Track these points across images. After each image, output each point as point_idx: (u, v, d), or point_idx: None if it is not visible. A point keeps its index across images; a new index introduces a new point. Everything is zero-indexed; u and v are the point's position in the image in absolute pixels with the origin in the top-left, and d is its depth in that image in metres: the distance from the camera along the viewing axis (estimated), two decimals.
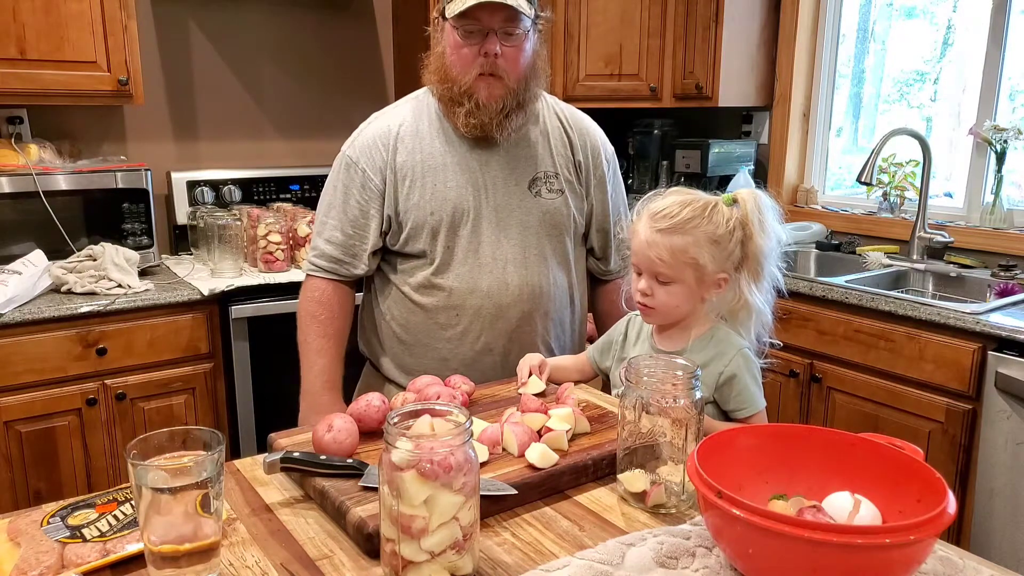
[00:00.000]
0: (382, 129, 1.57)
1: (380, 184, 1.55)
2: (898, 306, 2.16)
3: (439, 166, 1.55)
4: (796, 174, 3.20)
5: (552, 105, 1.67)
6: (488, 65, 1.46)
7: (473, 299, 1.55)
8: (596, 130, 1.70)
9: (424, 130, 1.57)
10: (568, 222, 1.62)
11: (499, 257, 1.55)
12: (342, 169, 1.59)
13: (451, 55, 1.49)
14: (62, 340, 2.12)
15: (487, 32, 1.44)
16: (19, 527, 0.93)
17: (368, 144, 1.57)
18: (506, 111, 1.50)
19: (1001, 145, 2.54)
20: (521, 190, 1.57)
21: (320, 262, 1.60)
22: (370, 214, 1.56)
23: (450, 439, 0.80)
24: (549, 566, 0.85)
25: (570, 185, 1.62)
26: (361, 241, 1.57)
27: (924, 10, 2.97)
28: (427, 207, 1.53)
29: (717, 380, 1.25)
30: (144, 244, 2.44)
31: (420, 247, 1.55)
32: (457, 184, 1.54)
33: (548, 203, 1.59)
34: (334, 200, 1.59)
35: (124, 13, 2.33)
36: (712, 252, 1.22)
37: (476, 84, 1.47)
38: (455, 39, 1.47)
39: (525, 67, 1.51)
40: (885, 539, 0.72)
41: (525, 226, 1.57)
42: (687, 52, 3.04)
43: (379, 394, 1.17)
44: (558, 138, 1.63)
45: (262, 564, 0.88)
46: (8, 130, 2.44)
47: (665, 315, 1.28)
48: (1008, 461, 1.97)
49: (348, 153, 1.59)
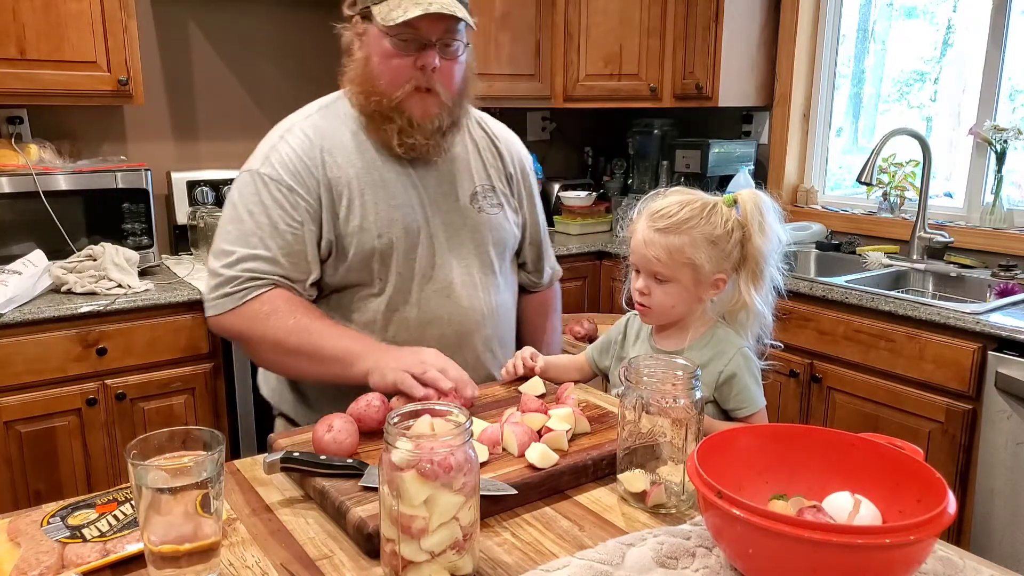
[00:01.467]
0: (302, 141, 1.36)
1: (314, 204, 1.34)
2: (898, 306, 2.16)
3: (377, 182, 1.37)
4: (796, 174, 3.20)
5: (475, 116, 1.54)
6: (424, 79, 1.31)
7: (432, 330, 1.40)
8: (520, 144, 1.62)
9: (348, 142, 1.38)
10: (510, 238, 1.52)
11: (455, 280, 1.42)
12: (259, 189, 1.33)
13: (379, 65, 1.32)
14: (62, 340, 2.11)
15: (424, 44, 1.29)
16: (19, 527, 0.93)
17: (291, 158, 1.35)
18: (442, 129, 1.37)
19: (1001, 145, 2.54)
20: (463, 205, 1.45)
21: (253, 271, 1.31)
22: (306, 240, 1.34)
23: (450, 439, 0.80)
24: (549, 566, 0.85)
25: (506, 199, 1.53)
26: (299, 272, 1.34)
27: (924, 10, 2.97)
28: (372, 229, 1.35)
29: (717, 379, 1.25)
30: (144, 244, 2.44)
31: (366, 276, 1.37)
32: (402, 202, 1.38)
33: (492, 218, 1.48)
34: (252, 227, 1.32)
35: (124, 13, 2.33)
36: (709, 253, 1.22)
37: (409, 99, 1.32)
38: (385, 48, 1.30)
39: (460, 81, 1.38)
40: (885, 539, 0.72)
41: (477, 244, 1.45)
42: (687, 52, 3.04)
43: (379, 394, 1.17)
44: (488, 151, 1.53)
45: (262, 564, 0.88)
46: (8, 130, 2.44)
47: (662, 315, 1.28)
48: (1008, 461, 1.96)
49: (263, 171, 1.34)
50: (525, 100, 3.22)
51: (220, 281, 1.33)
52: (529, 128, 3.59)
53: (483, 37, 3.02)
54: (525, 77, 3.17)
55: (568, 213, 3.34)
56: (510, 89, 3.12)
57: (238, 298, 1.32)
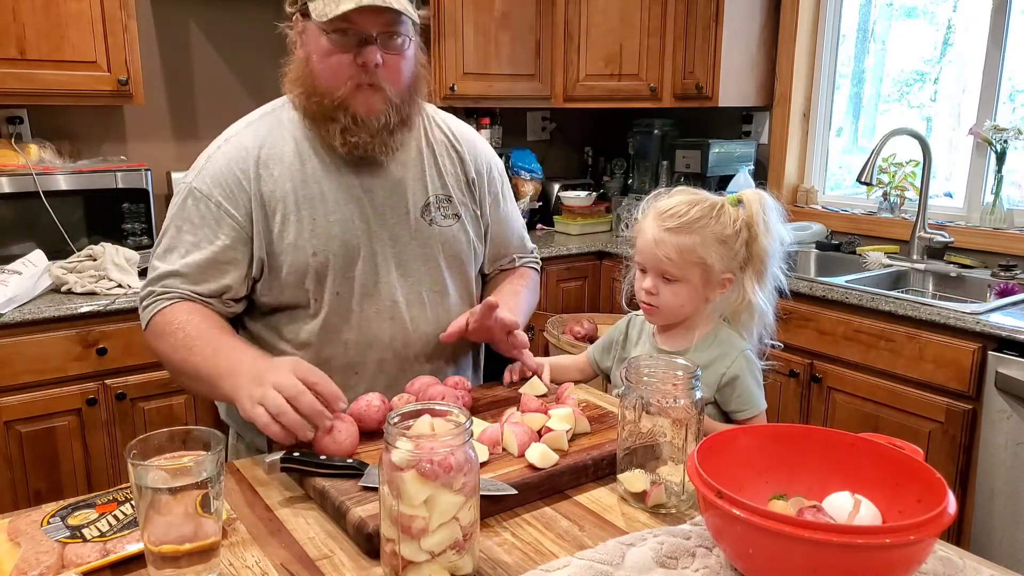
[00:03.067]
0: (237, 153, 1.29)
1: (244, 221, 1.27)
2: (898, 306, 2.16)
3: (316, 195, 1.29)
4: (796, 174, 3.20)
5: (432, 116, 1.45)
6: (367, 76, 1.24)
7: (373, 353, 1.32)
8: (485, 144, 1.51)
9: (289, 152, 1.30)
10: (468, 250, 1.42)
11: (399, 300, 1.33)
12: (187, 203, 1.28)
13: (319, 63, 1.25)
14: (62, 340, 2.11)
15: (363, 38, 1.22)
16: (19, 527, 0.93)
17: (222, 172, 1.27)
18: (390, 127, 1.28)
19: (1001, 145, 2.54)
20: (413, 218, 1.36)
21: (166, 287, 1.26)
22: (229, 259, 1.27)
23: (450, 439, 0.80)
24: (549, 566, 0.85)
25: (465, 207, 1.42)
26: (212, 289, 1.27)
27: (924, 10, 2.97)
28: (307, 246, 1.28)
29: (719, 381, 1.25)
30: (144, 244, 2.44)
31: (300, 296, 1.30)
32: (342, 216, 1.30)
33: (445, 231, 1.38)
34: (175, 242, 1.27)
35: (124, 13, 2.33)
36: (720, 252, 1.22)
37: (352, 97, 1.25)
38: (323, 45, 1.23)
39: (408, 77, 1.30)
40: (885, 539, 0.72)
41: (425, 260, 1.36)
42: (687, 52, 3.04)
43: (379, 394, 1.17)
44: (446, 155, 1.42)
45: (262, 564, 0.88)
46: (8, 130, 2.44)
47: (669, 315, 1.28)
48: (1008, 461, 1.96)
49: (195, 185, 1.28)
50: (525, 100, 3.22)
51: (140, 297, 1.30)
52: (529, 128, 3.59)
53: (483, 37, 3.02)
54: (525, 77, 3.17)
55: (568, 213, 3.34)
56: (510, 89, 3.12)
57: (147, 314, 1.27)
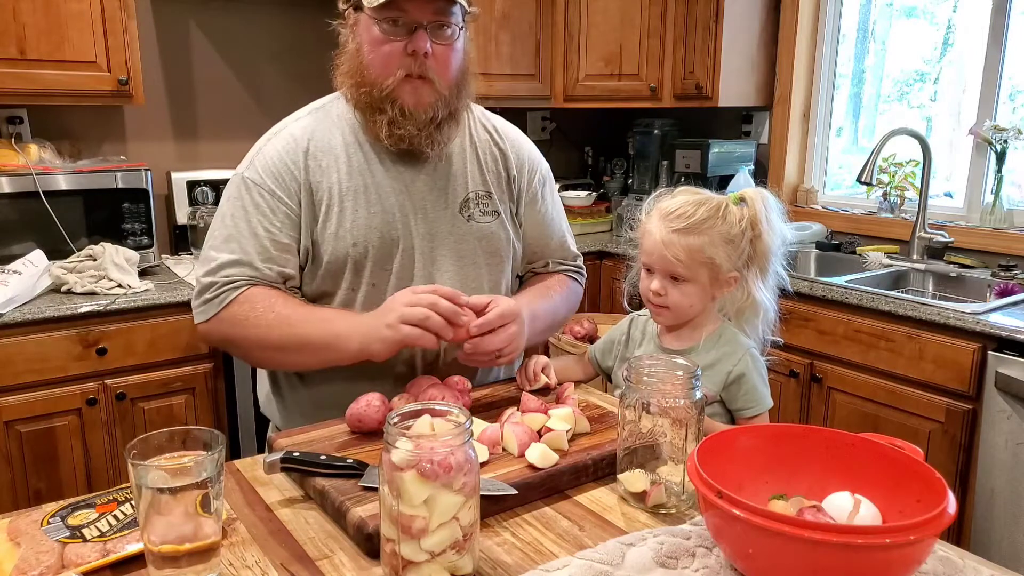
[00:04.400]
0: (287, 144, 1.32)
1: (296, 208, 1.30)
2: (898, 306, 2.16)
3: (360, 188, 1.32)
4: (796, 174, 3.20)
5: (479, 116, 1.46)
6: (416, 66, 1.24)
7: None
8: (530, 145, 1.52)
9: (337, 145, 1.33)
10: (507, 247, 1.43)
11: None
12: (243, 193, 1.31)
13: (369, 53, 1.26)
14: (62, 340, 2.11)
15: (414, 27, 1.23)
16: (19, 527, 0.93)
17: (274, 162, 1.31)
18: (437, 120, 1.29)
19: (1001, 145, 2.54)
20: (451, 213, 1.37)
21: (231, 276, 1.28)
22: (286, 246, 1.30)
23: (450, 439, 0.80)
24: (549, 566, 0.85)
25: (504, 205, 1.43)
26: (276, 276, 1.30)
27: (924, 10, 2.97)
28: (348, 237, 1.30)
29: (726, 379, 1.26)
30: (144, 244, 2.44)
31: (338, 286, 1.33)
32: (383, 208, 1.32)
33: (483, 227, 1.39)
34: (233, 232, 1.30)
35: (124, 13, 2.32)
36: (727, 251, 1.23)
37: (400, 88, 1.25)
38: (374, 34, 1.24)
39: (457, 69, 1.30)
40: (885, 539, 0.72)
41: (460, 256, 1.37)
42: (687, 52, 3.04)
43: (379, 394, 1.17)
44: (488, 153, 1.43)
45: (262, 564, 0.88)
46: (8, 130, 2.44)
47: (678, 315, 1.28)
48: (1008, 461, 1.96)
49: (248, 175, 1.31)
50: (525, 100, 3.22)
51: (200, 288, 1.31)
52: (529, 128, 3.59)
53: (483, 37, 3.02)
54: (525, 77, 3.17)
55: (568, 213, 3.31)
56: (510, 89, 3.12)
57: (217, 303, 1.28)
